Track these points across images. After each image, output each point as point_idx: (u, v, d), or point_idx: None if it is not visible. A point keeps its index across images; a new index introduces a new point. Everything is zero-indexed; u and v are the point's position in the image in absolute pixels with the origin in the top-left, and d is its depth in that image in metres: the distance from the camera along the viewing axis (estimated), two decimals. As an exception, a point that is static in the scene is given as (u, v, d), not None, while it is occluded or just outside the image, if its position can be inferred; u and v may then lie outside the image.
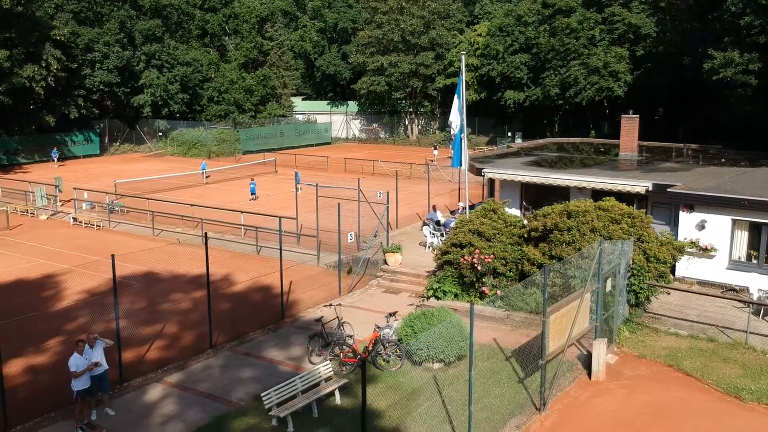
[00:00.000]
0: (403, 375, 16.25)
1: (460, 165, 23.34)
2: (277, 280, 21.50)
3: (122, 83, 60.62)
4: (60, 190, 38.42)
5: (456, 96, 23.02)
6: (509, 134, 61.66)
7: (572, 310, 15.33)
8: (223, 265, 26.13)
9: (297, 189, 40.28)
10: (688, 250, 20.99)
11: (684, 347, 17.42)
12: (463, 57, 21.75)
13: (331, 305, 17.84)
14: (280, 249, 20.45)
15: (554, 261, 18.71)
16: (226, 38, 74.02)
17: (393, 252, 23.93)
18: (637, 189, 23.30)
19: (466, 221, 21.34)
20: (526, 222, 21.39)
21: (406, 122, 72.29)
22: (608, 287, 17.08)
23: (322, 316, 17.62)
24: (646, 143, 35.30)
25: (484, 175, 27.07)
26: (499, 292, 19.58)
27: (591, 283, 16.09)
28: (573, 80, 53.73)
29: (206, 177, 47.02)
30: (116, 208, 35.66)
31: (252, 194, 39.34)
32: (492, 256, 19.62)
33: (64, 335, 19.31)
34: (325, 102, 76.47)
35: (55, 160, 54.00)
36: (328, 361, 15.70)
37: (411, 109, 71.09)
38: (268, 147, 61.96)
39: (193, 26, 70.35)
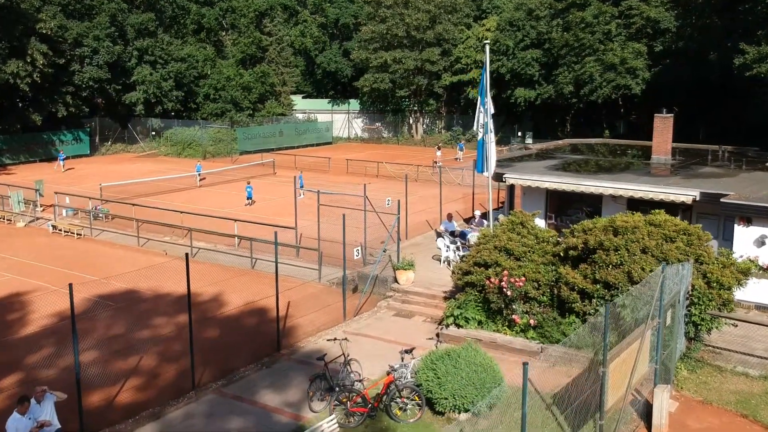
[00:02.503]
0: (423, 428, 13.46)
1: (485, 171, 20.44)
2: (273, 300, 18.70)
3: (113, 80, 57.69)
4: (41, 195, 35.58)
5: (479, 94, 20.07)
6: (519, 134, 58.81)
7: (633, 353, 12.54)
8: (212, 281, 23.33)
9: (299, 194, 37.57)
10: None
11: (758, 391, 14.60)
12: (487, 47, 18.91)
13: (335, 340, 15.04)
14: (276, 270, 17.62)
15: (598, 286, 15.93)
16: (223, 33, 71.21)
17: (405, 269, 21.11)
18: (682, 198, 20.50)
19: (490, 236, 18.53)
20: (559, 236, 18.59)
21: (411, 121, 69.45)
22: (668, 320, 14.28)
23: (325, 354, 14.80)
24: (674, 145, 32.60)
25: (505, 181, 24.24)
26: (532, 321, 16.77)
27: (652, 317, 13.28)
28: (588, 77, 50.90)
29: (201, 179, 44.20)
30: (100, 215, 32.86)
31: (248, 199, 36.56)
32: (523, 278, 16.80)
33: (21, 372, 16.50)
34: (326, 100, 73.61)
35: (62, 163, 49.95)
36: (333, 413, 12.91)
37: (415, 108, 68.22)
38: (267, 147, 59.13)
39: (188, 20, 67.48)
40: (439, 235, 24.89)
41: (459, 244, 24.33)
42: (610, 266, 15.88)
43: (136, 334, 18.96)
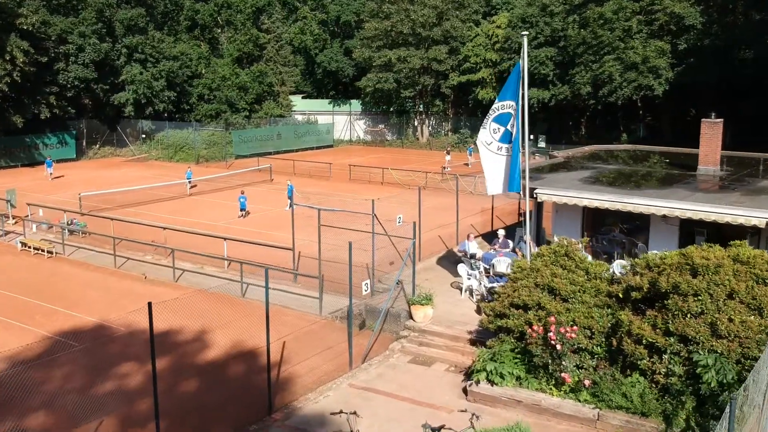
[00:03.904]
0: None
1: (519, 189, 17.09)
2: (265, 340, 15.34)
3: (100, 79, 54.23)
4: (12, 206, 32.23)
5: (505, 97, 16.63)
6: (531, 137, 55.21)
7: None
8: (195, 314, 19.96)
9: (290, 206, 34.37)
10: None
11: None
12: (525, 39, 15.53)
13: (341, 413, 11.72)
14: (267, 319, 14.27)
15: (672, 340, 12.64)
16: (218, 30, 67.75)
17: (422, 305, 17.77)
18: (754, 221, 17.18)
19: (528, 269, 15.22)
20: (590, 256, 15.30)
21: (416, 123, 66.09)
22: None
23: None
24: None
25: (536, 197, 20.90)
26: (587, 382, 13.44)
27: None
28: (607, 77, 47.56)
29: (191, 186, 40.88)
30: (76, 229, 29.54)
31: (241, 210, 33.26)
32: (575, 327, 13.49)
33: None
34: (327, 101, 70.21)
35: (50, 172, 45.49)
36: None
37: (421, 109, 64.85)
38: (264, 150, 55.77)
39: (181, 16, 64.06)
40: (459, 260, 21.58)
41: (482, 268, 21.04)
42: (689, 315, 12.58)
43: (98, 387, 15.64)
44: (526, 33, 15.89)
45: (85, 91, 54.48)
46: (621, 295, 13.99)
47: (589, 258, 16.74)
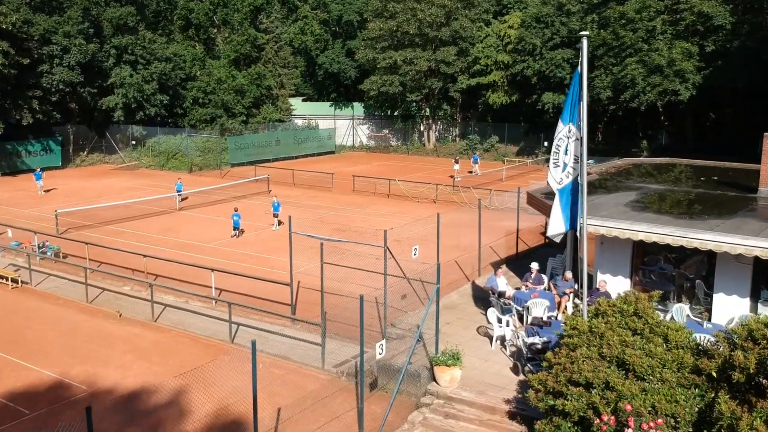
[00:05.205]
0: None
1: (576, 226, 13.76)
2: (257, 404, 12.06)
3: (87, 82, 50.85)
4: (-21, 224, 29.01)
5: (568, 117, 13.25)
6: (545, 144, 52.21)
7: None
8: (174, 366, 16.83)
9: (276, 225, 31.44)
10: None
11: None
12: (584, 41, 12.26)
13: None
14: (255, 404, 11.02)
15: (798, 444, 9.39)
16: (214, 30, 64.50)
17: (448, 366, 14.52)
18: None
19: (586, 332, 12.00)
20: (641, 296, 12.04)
21: (422, 128, 62.83)
22: None
23: None
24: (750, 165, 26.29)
25: (578, 227, 17.62)
26: (677, 493, 10.22)
27: None
28: (629, 81, 44.30)
29: (182, 199, 37.66)
30: (48, 252, 26.31)
31: (235, 229, 30.04)
32: (660, 421, 10.25)
33: None
34: (328, 103, 66.95)
35: (41, 185, 41.16)
36: None
37: (428, 113, 61.58)
38: (262, 157, 52.60)
39: (174, 15, 60.77)
40: (483, 295, 18.40)
41: (512, 309, 17.85)
42: (821, 413, 9.35)
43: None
44: (586, 33, 12.58)
45: (71, 94, 51.14)
46: (715, 374, 10.76)
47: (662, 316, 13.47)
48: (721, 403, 10.24)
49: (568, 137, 12.91)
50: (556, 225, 13.57)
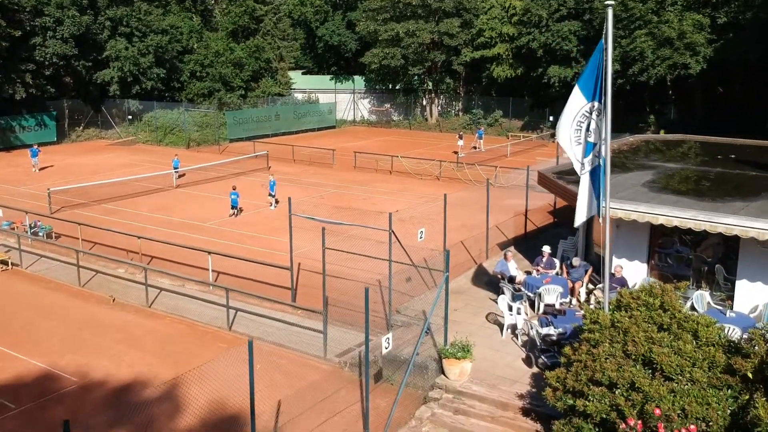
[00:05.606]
0: None
1: (599, 212, 12.78)
2: (257, 398, 11.28)
3: (82, 55, 49.46)
4: (-31, 203, 28.08)
5: (592, 93, 12.31)
6: (551, 119, 51.05)
7: None
8: (169, 356, 16.08)
9: (272, 204, 30.55)
10: None
11: None
12: (609, 11, 11.25)
13: None
14: (252, 410, 10.22)
15: None
16: (211, 1, 62.96)
17: (457, 359, 13.71)
18: None
19: (608, 327, 11.16)
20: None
21: (424, 102, 61.56)
22: None
23: None
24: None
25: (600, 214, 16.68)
26: (709, 504, 9.45)
27: None
28: (638, 54, 43.06)
29: (179, 176, 36.71)
30: (40, 233, 25.45)
31: (233, 208, 29.15)
32: (693, 427, 9.45)
33: None
34: (328, 77, 65.59)
35: (35, 162, 39.72)
36: None
37: (430, 87, 60.27)
38: (261, 132, 51.43)
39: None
40: (492, 279, 17.58)
41: (525, 297, 17.01)
42: None
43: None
44: (612, 2, 11.59)
45: (65, 68, 49.86)
46: (750, 375, 9.94)
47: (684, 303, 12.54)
48: (759, 407, 9.42)
49: (591, 114, 11.96)
50: (586, 210, 12.61)
